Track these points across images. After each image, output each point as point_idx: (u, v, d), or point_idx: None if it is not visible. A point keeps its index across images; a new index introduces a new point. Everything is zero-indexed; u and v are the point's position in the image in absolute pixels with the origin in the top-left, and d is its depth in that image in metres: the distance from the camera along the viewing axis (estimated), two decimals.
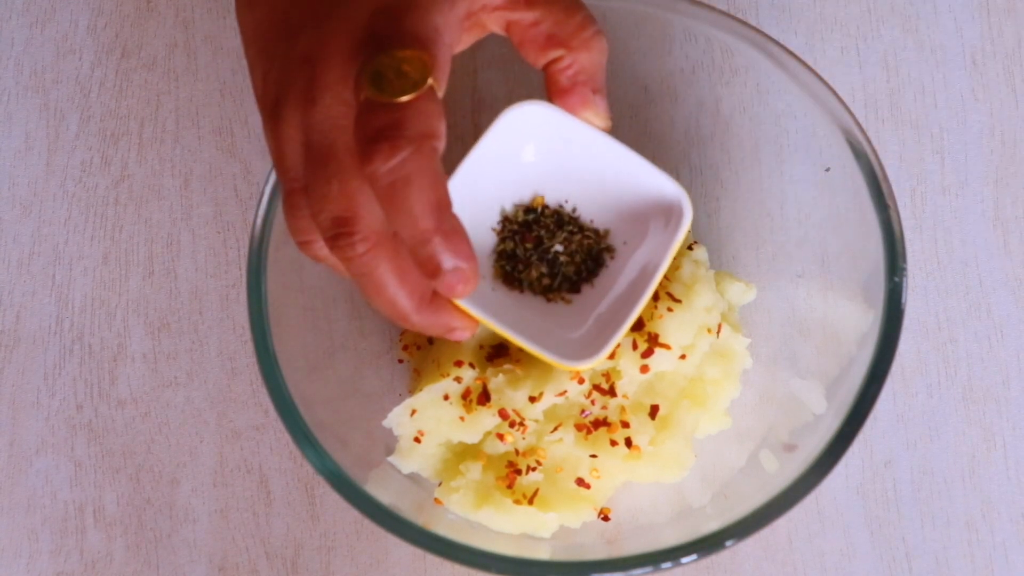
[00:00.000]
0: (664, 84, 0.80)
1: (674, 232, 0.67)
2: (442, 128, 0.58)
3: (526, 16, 0.63)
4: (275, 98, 0.61)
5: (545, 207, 0.70)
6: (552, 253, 0.69)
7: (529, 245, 0.69)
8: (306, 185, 0.60)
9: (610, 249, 0.69)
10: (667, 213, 0.67)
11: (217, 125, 0.83)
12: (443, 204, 0.57)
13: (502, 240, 0.69)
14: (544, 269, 0.69)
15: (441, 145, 0.58)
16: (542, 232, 0.69)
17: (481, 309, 0.64)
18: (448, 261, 0.57)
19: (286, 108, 0.60)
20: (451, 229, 0.57)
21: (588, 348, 0.66)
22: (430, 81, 0.57)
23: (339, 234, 0.59)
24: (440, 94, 0.58)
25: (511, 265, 0.69)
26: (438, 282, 0.58)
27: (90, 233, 0.82)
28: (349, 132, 0.58)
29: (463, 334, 0.64)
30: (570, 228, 0.69)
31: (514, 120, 0.66)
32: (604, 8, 0.74)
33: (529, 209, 0.70)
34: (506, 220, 0.70)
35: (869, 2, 0.85)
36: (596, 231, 0.69)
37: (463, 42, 0.63)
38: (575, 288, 0.69)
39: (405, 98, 0.57)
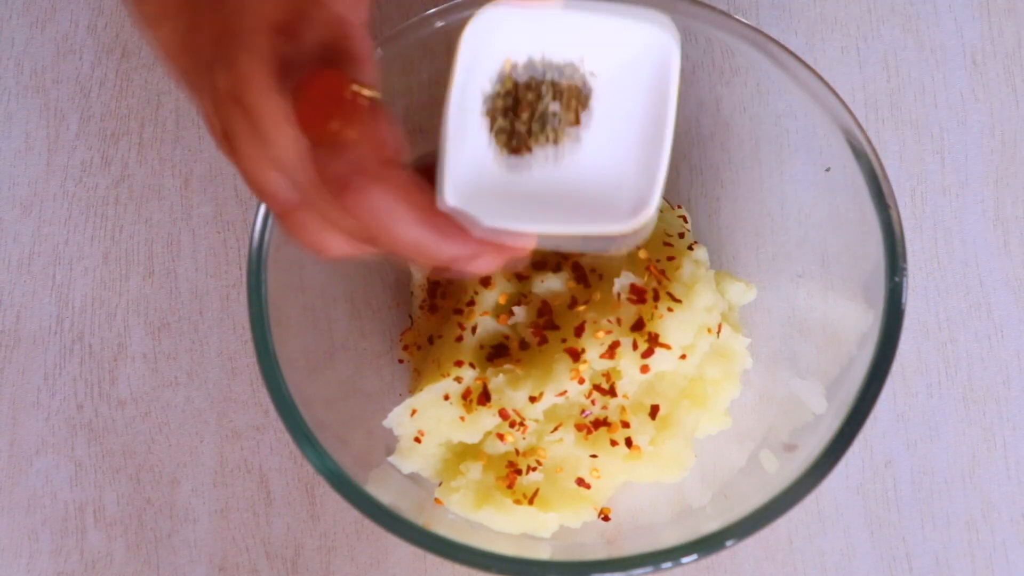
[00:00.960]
0: None
1: (668, 66, 0.61)
2: (387, 131, 0.55)
3: None
4: (223, 133, 0.58)
5: (516, 65, 0.63)
6: (545, 105, 0.62)
7: (524, 114, 0.63)
8: (303, 203, 0.58)
9: (593, 74, 0.62)
10: (657, 58, 0.62)
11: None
12: (427, 216, 0.56)
13: (494, 120, 0.63)
14: (547, 126, 0.62)
15: (399, 149, 0.56)
16: (527, 94, 0.63)
17: (521, 222, 0.59)
18: (457, 250, 0.57)
19: (242, 146, 0.58)
20: (445, 234, 0.56)
21: (629, 208, 0.61)
22: (352, 92, 0.55)
23: (369, 238, 0.58)
24: (368, 78, 0.56)
25: (514, 139, 0.63)
26: (470, 268, 0.58)
27: (90, 233, 0.82)
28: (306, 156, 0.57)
29: (487, 264, 0.59)
30: (550, 75, 0.63)
31: (479, 26, 0.60)
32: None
33: (506, 78, 0.63)
34: (490, 99, 0.63)
35: (869, 2, 0.85)
36: (573, 65, 0.63)
37: None
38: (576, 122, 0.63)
39: (346, 131, 0.55)
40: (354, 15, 0.57)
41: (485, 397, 0.71)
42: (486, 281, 0.74)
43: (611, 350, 0.71)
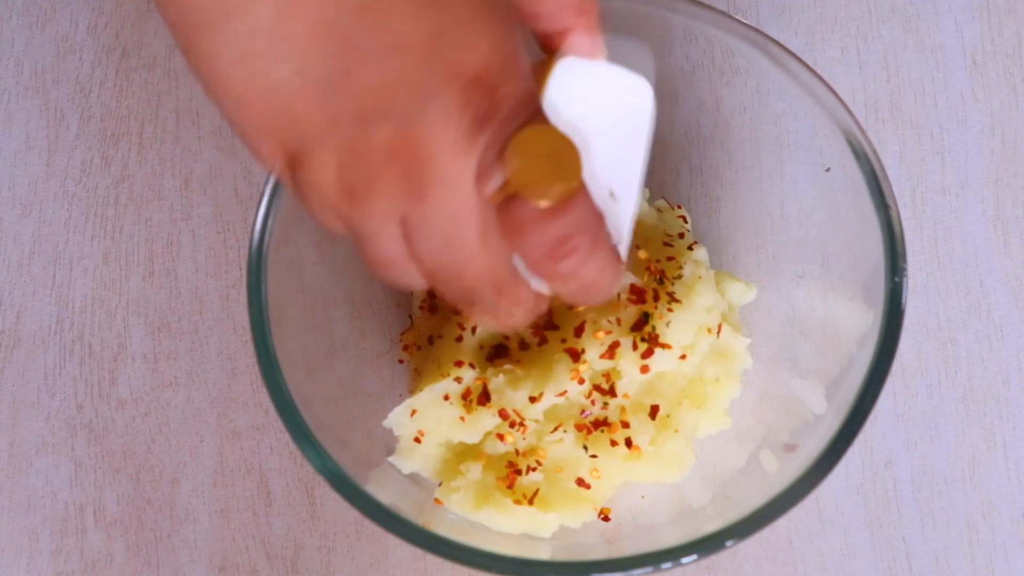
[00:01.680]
0: (664, 84, 0.80)
1: (643, 105, 0.61)
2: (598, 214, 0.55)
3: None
4: (351, 190, 0.52)
5: None
6: None
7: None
8: (435, 269, 0.55)
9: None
10: (633, 101, 0.61)
11: (217, 125, 0.83)
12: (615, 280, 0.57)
13: None
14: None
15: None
16: None
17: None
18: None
19: (377, 203, 0.52)
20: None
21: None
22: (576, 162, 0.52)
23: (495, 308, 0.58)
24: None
25: None
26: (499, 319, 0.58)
27: (90, 233, 0.82)
28: (472, 219, 0.52)
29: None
30: None
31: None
32: (604, 8, 0.74)
33: None
34: None
35: (869, 2, 0.85)
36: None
37: None
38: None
39: (556, 194, 0.52)
40: (526, 61, 0.53)
41: (485, 397, 0.71)
42: None
43: (611, 350, 0.71)
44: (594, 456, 0.71)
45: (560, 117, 0.56)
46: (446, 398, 0.72)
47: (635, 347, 0.71)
